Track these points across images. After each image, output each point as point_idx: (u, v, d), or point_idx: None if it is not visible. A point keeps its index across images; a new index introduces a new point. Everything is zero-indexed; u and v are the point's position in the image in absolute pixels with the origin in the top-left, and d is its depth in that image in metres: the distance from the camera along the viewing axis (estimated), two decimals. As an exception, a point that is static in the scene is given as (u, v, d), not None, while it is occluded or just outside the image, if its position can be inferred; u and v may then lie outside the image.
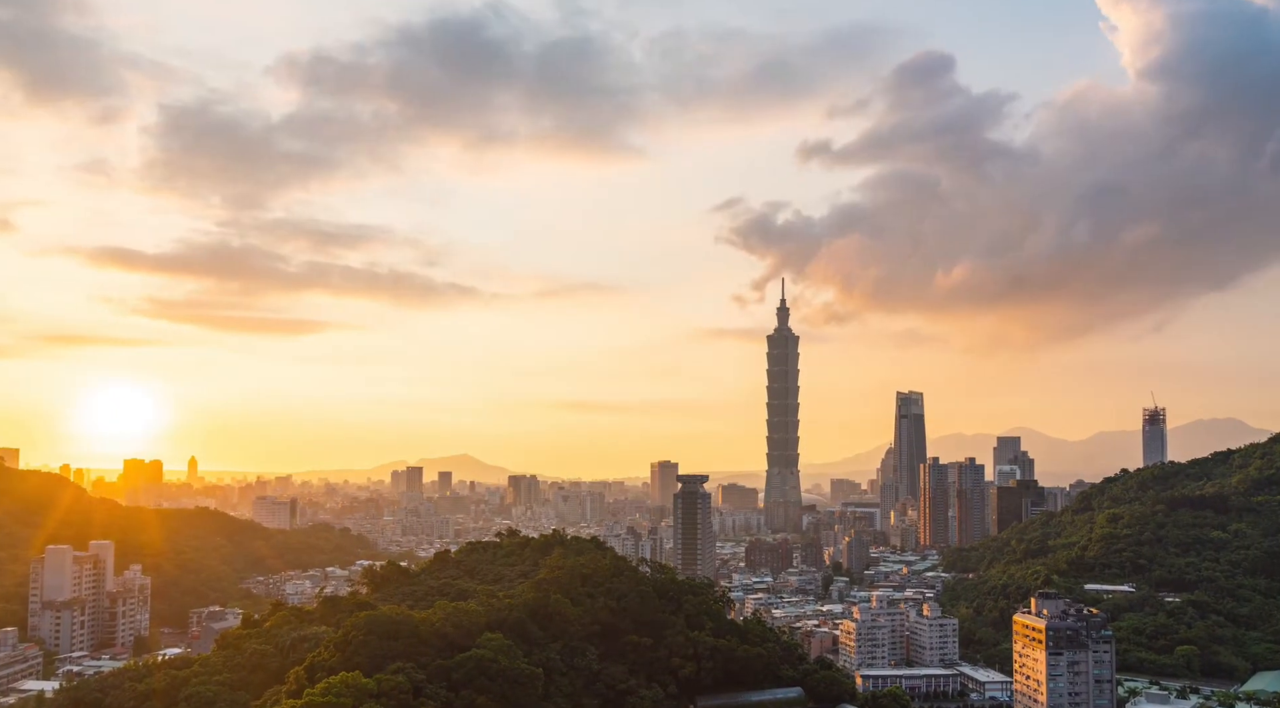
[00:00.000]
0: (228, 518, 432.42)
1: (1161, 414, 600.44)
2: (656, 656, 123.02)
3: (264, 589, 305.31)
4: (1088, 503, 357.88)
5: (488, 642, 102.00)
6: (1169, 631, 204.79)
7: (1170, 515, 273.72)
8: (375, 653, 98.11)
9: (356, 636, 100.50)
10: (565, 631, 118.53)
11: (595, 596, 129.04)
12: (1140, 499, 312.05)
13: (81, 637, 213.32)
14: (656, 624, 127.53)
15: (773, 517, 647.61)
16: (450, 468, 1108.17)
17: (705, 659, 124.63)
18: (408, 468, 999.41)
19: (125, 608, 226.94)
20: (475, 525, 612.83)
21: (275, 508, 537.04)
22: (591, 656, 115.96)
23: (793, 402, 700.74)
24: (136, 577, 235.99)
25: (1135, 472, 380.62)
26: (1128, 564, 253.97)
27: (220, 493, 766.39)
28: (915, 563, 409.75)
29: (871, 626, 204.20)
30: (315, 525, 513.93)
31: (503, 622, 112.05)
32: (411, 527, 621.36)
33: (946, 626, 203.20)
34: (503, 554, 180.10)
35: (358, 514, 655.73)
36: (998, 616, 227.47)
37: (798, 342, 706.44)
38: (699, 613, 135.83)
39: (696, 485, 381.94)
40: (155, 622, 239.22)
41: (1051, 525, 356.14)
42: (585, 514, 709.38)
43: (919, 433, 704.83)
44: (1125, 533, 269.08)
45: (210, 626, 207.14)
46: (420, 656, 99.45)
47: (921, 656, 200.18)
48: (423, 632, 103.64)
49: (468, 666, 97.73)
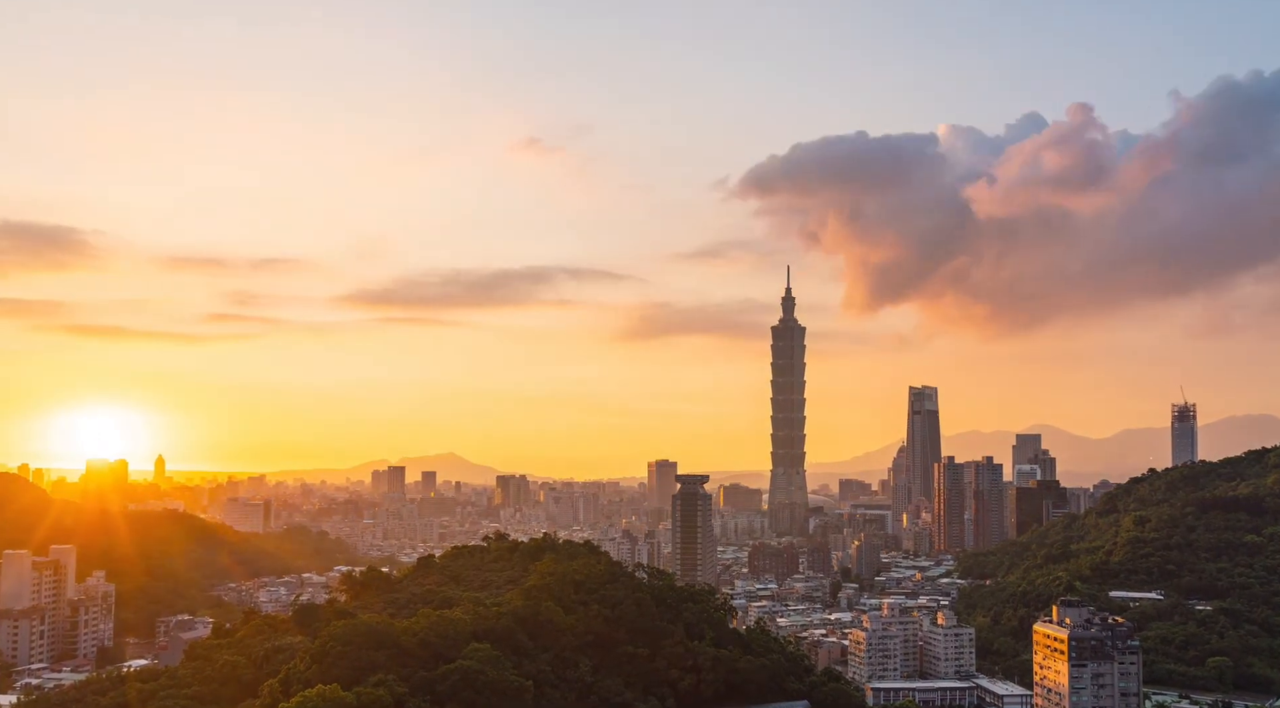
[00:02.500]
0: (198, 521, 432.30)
1: (1191, 410, 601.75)
2: (654, 667, 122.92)
3: (236, 597, 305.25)
4: (1113, 505, 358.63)
5: (474, 653, 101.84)
6: (1200, 641, 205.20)
7: (1201, 518, 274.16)
8: (354, 665, 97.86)
9: (334, 646, 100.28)
10: (557, 641, 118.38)
11: (589, 603, 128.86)
12: (1169, 501, 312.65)
13: (41, 648, 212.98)
14: (654, 634, 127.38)
15: (777, 519, 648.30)
16: (434, 467, 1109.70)
17: (706, 671, 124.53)
18: (389, 467, 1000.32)
19: (88, 617, 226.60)
20: (461, 529, 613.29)
21: (248, 510, 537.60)
22: (584, 667, 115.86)
23: (799, 397, 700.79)
24: (100, 584, 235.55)
25: (1164, 472, 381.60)
26: (1155, 570, 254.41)
27: (190, 495, 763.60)
28: (929, 569, 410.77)
29: (882, 635, 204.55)
30: (291, 529, 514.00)
31: (490, 631, 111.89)
32: (393, 530, 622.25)
33: (962, 635, 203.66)
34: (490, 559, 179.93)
35: (336, 517, 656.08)
36: (1017, 625, 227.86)
37: (804, 333, 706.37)
38: (699, 622, 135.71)
39: (696, 486, 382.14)
40: (120, 632, 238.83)
41: (1074, 529, 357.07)
42: (578, 517, 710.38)
43: (933, 430, 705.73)
44: (1153, 537, 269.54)
45: (179, 636, 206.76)
46: (402, 667, 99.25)
47: (935, 667, 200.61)
48: (405, 642, 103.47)
49: (453, 678, 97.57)
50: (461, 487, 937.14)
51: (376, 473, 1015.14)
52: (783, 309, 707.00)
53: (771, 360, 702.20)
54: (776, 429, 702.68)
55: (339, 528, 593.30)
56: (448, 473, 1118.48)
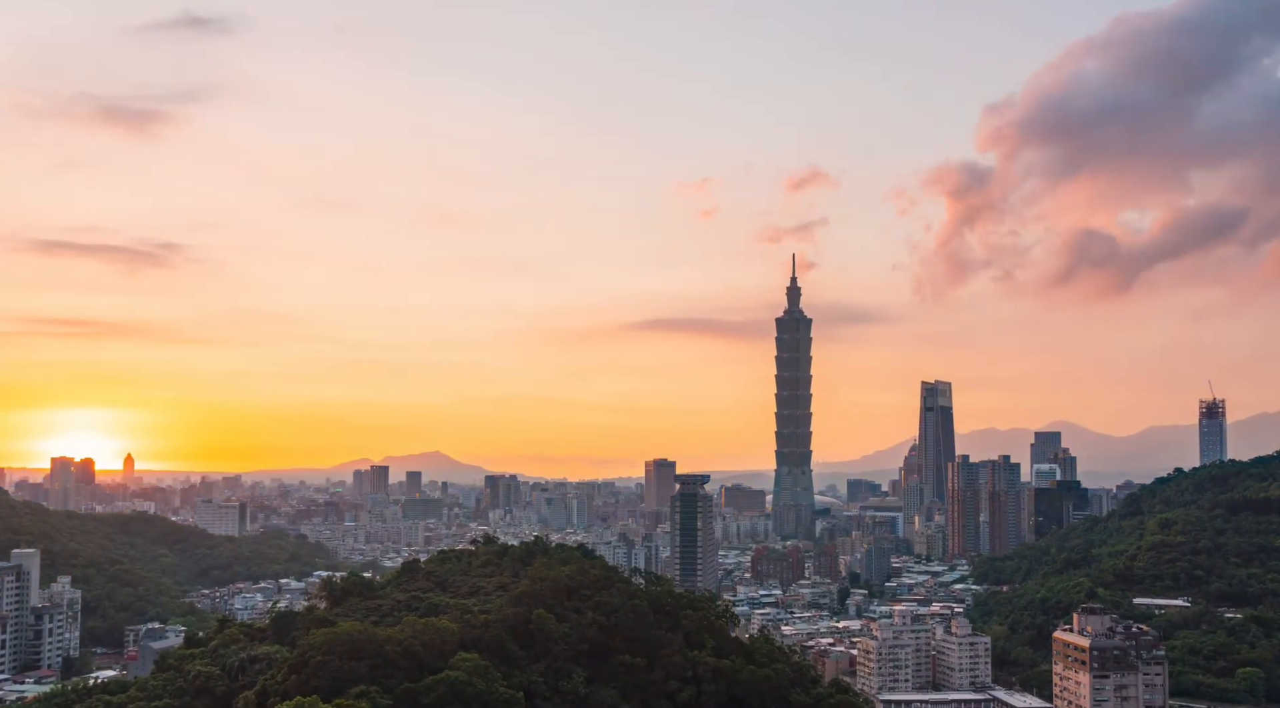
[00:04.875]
0: (169, 523, 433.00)
1: (1220, 406, 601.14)
2: (651, 678, 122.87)
3: (210, 603, 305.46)
4: (1137, 506, 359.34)
5: (461, 663, 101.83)
6: (1229, 651, 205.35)
7: (1230, 521, 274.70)
8: (335, 676, 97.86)
9: (314, 656, 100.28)
10: (549, 650, 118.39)
11: (582, 611, 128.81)
12: (1196, 502, 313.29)
13: (2, 658, 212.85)
14: (651, 643, 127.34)
15: (782, 522, 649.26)
16: (420, 467, 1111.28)
17: (706, 682, 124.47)
18: (372, 467, 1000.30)
19: (52, 625, 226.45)
20: (448, 532, 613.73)
21: (222, 512, 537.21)
22: (578, 678, 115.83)
23: (805, 392, 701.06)
24: (65, 590, 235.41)
25: (1191, 471, 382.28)
26: (1182, 576, 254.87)
27: (161, 495, 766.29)
28: (942, 574, 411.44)
29: (893, 644, 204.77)
30: (267, 531, 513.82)
31: (478, 640, 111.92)
32: (376, 533, 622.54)
33: (977, 644, 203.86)
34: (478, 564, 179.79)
35: (315, 519, 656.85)
36: (1035, 633, 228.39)
37: (810, 325, 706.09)
38: (699, 630, 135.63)
39: (696, 486, 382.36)
40: (86, 641, 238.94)
41: (1096, 532, 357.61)
42: (571, 519, 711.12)
43: (947, 428, 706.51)
44: (1179, 540, 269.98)
45: (149, 645, 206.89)
46: (386, 678, 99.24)
47: (949, 678, 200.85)
48: (388, 652, 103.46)
49: (439, 689, 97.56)
50: (448, 487, 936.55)
51: (358, 473, 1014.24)
52: (788, 299, 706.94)
53: (776, 354, 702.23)
54: (781, 426, 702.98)
55: (318, 531, 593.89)
56: (433, 473, 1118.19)
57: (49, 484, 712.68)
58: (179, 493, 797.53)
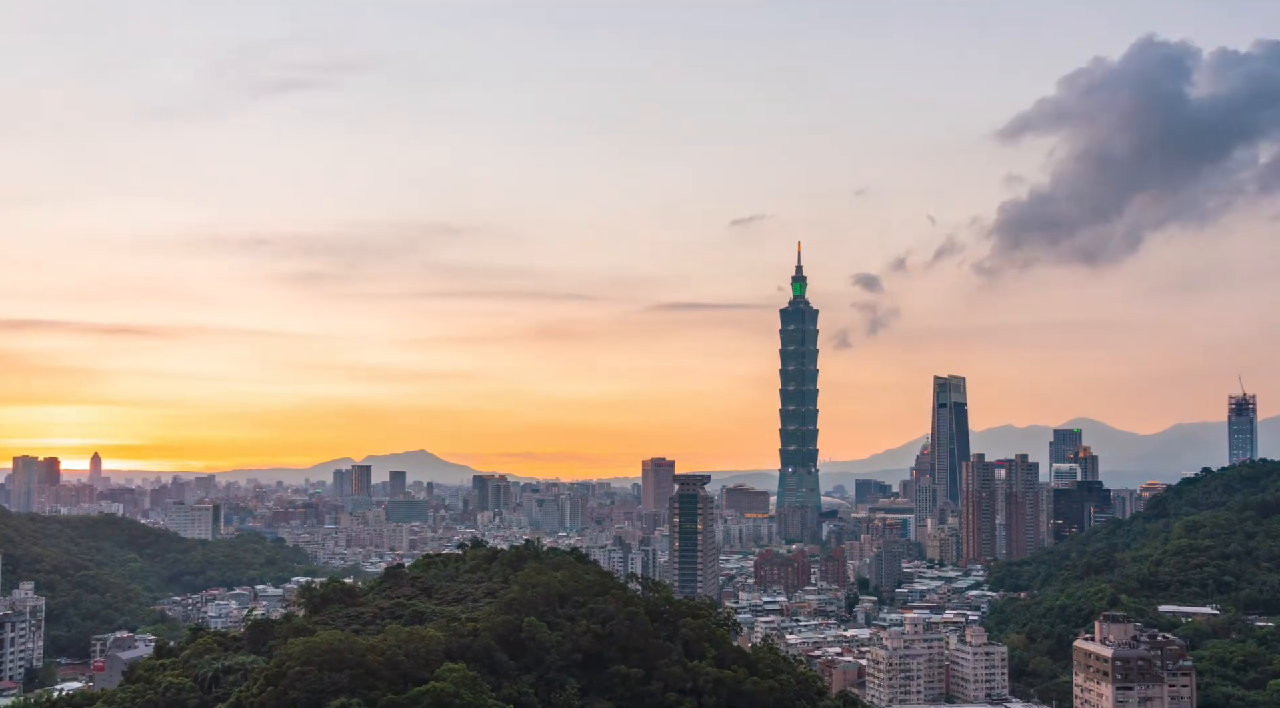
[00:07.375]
0: (138, 525, 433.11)
1: (1251, 403, 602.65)
2: (648, 689, 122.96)
3: (181, 611, 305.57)
4: (1162, 508, 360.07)
5: (448, 673, 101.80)
6: (1260, 661, 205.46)
7: (1261, 523, 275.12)
8: (314, 687, 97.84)
9: (292, 667, 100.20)
10: (540, 660, 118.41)
11: (576, 618, 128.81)
12: (1225, 504, 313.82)
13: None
14: (649, 652, 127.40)
15: (786, 524, 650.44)
16: (403, 467, 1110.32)
17: (706, 694, 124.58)
18: (354, 467, 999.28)
19: (14, 634, 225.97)
20: (433, 535, 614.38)
21: (195, 514, 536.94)
22: (571, 689, 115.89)
23: (810, 388, 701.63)
24: (28, 597, 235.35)
25: (1219, 471, 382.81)
26: (1210, 582, 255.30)
27: (129, 496, 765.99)
28: (956, 580, 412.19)
29: (904, 654, 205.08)
30: (243, 535, 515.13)
31: (466, 650, 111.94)
32: (357, 536, 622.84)
33: (993, 654, 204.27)
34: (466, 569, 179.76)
35: (294, 521, 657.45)
36: (1054, 643, 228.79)
37: (816, 316, 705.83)
38: (699, 639, 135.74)
39: (696, 487, 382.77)
40: (50, 651, 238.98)
41: (1119, 535, 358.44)
42: (564, 521, 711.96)
43: (961, 425, 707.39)
44: (1207, 544, 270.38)
45: (117, 655, 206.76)
46: (368, 690, 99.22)
47: (964, 690, 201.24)
48: (370, 662, 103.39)
49: (424, 701, 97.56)
50: (434, 488, 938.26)
51: (339, 473, 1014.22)
52: (793, 290, 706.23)
53: (780, 347, 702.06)
54: (786, 424, 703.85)
55: (297, 534, 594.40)
56: (418, 473, 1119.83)
57: (10, 484, 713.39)
58: (149, 494, 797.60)
